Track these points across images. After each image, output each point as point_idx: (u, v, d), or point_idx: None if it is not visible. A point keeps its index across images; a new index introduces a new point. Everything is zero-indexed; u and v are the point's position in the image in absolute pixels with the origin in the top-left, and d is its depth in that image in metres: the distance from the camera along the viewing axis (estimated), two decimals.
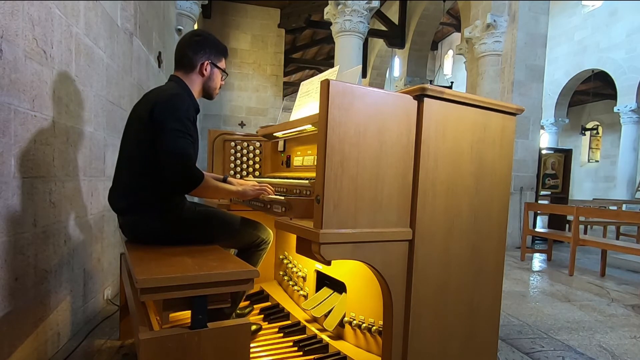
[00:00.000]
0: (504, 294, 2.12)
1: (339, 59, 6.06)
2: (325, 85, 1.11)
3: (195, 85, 1.70)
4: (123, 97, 2.70)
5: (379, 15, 9.22)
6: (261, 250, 1.82)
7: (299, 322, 2.03)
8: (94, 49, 2.17)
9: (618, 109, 9.85)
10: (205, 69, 1.69)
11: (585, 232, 6.64)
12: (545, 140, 12.40)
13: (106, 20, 2.34)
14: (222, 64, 1.77)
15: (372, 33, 9.45)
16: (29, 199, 1.57)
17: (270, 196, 1.58)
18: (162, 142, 1.45)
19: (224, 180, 1.80)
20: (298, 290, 2.21)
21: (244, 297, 2.43)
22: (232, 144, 2.35)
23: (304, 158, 2.06)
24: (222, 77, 1.79)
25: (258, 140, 2.40)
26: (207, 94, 1.77)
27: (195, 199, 2.56)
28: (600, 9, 10.41)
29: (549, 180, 6.08)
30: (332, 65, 6.84)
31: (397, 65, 12.20)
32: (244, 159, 2.39)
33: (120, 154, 1.66)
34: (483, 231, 1.48)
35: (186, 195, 1.66)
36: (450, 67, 15.66)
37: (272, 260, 2.60)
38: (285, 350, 1.84)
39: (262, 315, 2.23)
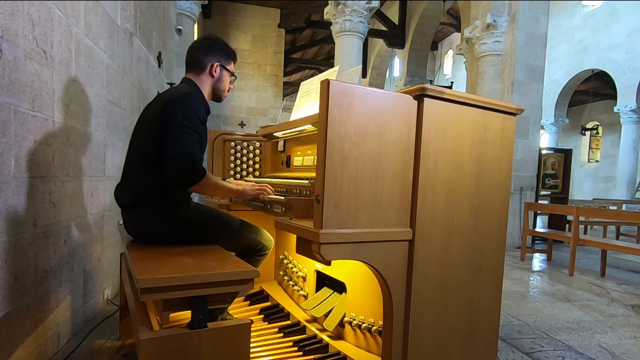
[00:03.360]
0: (504, 294, 2.12)
1: (339, 59, 6.06)
2: (325, 85, 1.11)
3: (205, 86, 1.76)
4: (123, 97, 2.70)
5: (379, 15, 9.23)
6: (261, 256, 1.83)
7: (299, 322, 2.03)
8: (94, 49, 2.17)
9: (618, 109, 9.86)
10: (215, 71, 1.75)
11: (585, 232, 6.64)
12: (545, 140, 12.40)
13: (106, 20, 2.34)
14: (231, 67, 1.82)
15: (372, 33, 9.45)
16: (29, 199, 1.57)
17: (270, 196, 1.58)
18: (167, 136, 1.48)
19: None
20: (298, 290, 2.21)
21: (244, 298, 2.43)
22: (232, 144, 2.35)
23: (304, 158, 2.06)
24: (230, 81, 1.85)
25: (258, 140, 2.40)
26: (216, 95, 1.82)
27: (197, 199, 2.56)
28: (600, 9, 10.41)
29: (549, 180, 6.07)
30: (332, 65, 6.84)
31: (397, 65, 12.21)
32: (244, 159, 2.39)
33: (130, 151, 1.68)
34: (483, 231, 1.48)
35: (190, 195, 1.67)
36: (450, 67, 15.66)
37: (272, 260, 2.60)
38: (285, 350, 1.84)
39: (262, 315, 2.23)
